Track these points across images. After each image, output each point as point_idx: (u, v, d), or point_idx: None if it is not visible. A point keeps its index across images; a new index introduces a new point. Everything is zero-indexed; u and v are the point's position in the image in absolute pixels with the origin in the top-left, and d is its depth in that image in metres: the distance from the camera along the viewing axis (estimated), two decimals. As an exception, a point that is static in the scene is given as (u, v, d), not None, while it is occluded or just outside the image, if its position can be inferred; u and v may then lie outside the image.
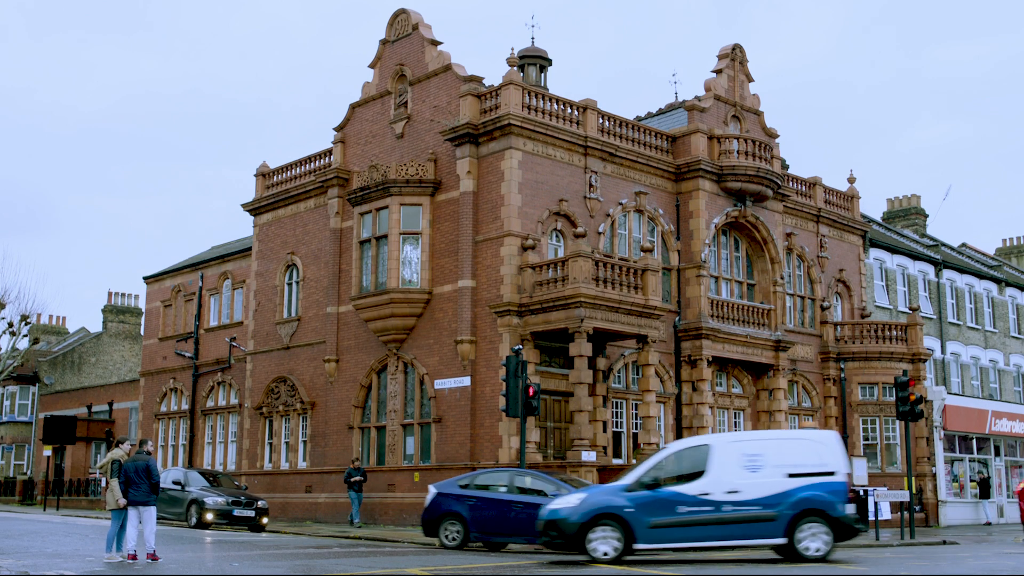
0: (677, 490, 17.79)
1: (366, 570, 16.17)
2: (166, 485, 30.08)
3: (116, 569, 16.03)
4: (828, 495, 17.40)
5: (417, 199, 30.91)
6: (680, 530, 17.66)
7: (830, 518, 17.26)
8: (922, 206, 54.54)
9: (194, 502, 29.19)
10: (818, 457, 17.88)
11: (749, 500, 17.45)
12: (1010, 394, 48.24)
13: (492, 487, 22.24)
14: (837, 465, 17.70)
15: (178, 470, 32.28)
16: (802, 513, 17.25)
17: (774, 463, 17.78)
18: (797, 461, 17.81)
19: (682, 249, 33.19)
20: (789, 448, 18.32)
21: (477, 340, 29.19)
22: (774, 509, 17.34)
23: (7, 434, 59.05)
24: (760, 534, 17.51)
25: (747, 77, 36.39)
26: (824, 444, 18.25)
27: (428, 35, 32.54)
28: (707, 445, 18.49)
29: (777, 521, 17.29)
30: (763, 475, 17.64)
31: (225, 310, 41.71)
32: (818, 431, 20.21)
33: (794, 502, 17.32)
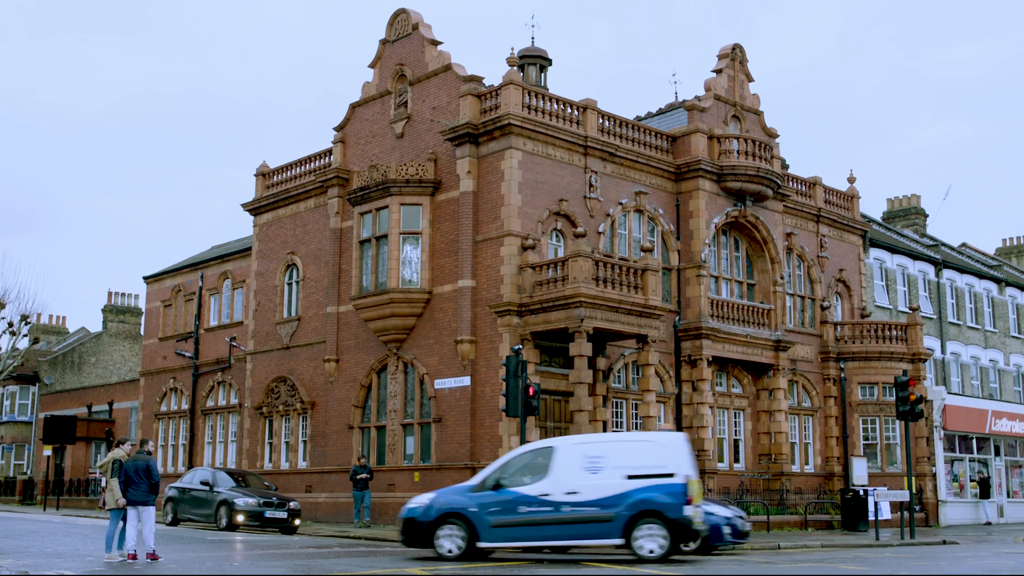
0: (519, 491, 18.19)
1: (366, 570, 16.18)
2: (193, 486, 29.64)
3: (116, 569, 16.03)
4: (666, 496, 17.39)
5: (417, 199, 30.91)
6: (520, 529, 18.06)
7: (667, 520, 17.28)
8: (922, 206, 54.55)
9: (223, 503, 28.06)
10: (659, 459, 17.90)
11: (587, 501, 17.65)
12: (1010, 394, 48.25)
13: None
14: (677, 467, 17.65)
15: (206, 470, 31.25)
16: (640, 514, 17.35)
17: (615, 465, 17.93)
18: (638, 463, 17.89)
19: (682, 249, 33.19)
20: (631, 450, 18.49)
21: (477, 340, 29.19)
22: (612, 510, 17.48)
23: (7, 434, 59.06)
24: (598, 534, 17.66)
25: (747, 77, 36.39)
26: (666, 446, 18.25)
27: (428, 35, 32.54)
28: (551, 447, 18.82)
29: (614, 522, 17.43)
30: (603, 476, 17.81)
31: (225, 310, 41.71)
32: (663, 433, 20.33)
33: (631, 503, 17.42)
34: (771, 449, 34.08)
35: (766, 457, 34.17)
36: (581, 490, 17.75)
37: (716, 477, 31.74)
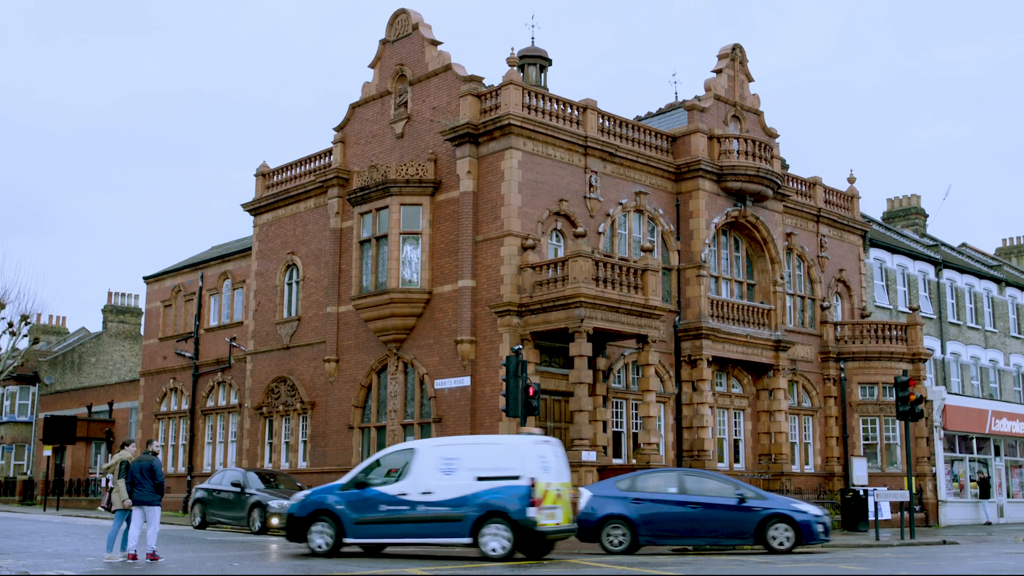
0: (381, 490, 19.12)
1: (366, 570, 16.17)
2: (223, 487, 28.99)
3: (116, 569, 16.03)
4: (511, 498, 17.97)
5: (417, 199, 30.91)
6: (381, 527, 19.01)
7: (511, 520, 17.84)
8: (922, 206, 54.55)
9: (256, 505, 26.99)
10: (508, 462, 18.47)
11: (441, 501, 18.41)
12: (1010, 394, 48.24)
13: (659, 488, 21.69)
14: (523, 469, 18.17)
15: (236, 471, 30.14)
16: (486, 515, 17.99)
17: (467, 467, 18.64)
18: (488, 465, 18.53)
19: (682, 249, 33.19)
20: (483, 453, 19.12)
21: (477, 340, 29.18)
22: (461, 510, 18.20)
23: (7, 434, 59.06)
24: (449, 533, 18.36)
25: (747, 77, 36.39)
26: (516, 449, 18.80)
27: (428, 35, 32.54)
28: (412, 449, 19.74)
29: (464, 521, 18.15)
30: (456, 478, 18.53)
31: (225, 310, 41.72)
32: (514, 436, 20.99)
33: (479, 504, 18.11)
34: (771, 449, 34.08)
35: (766, 457, 34.16)
36: (435, 490, 18.54)
37: (716, 477, 31.72)
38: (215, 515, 29.17)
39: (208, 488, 29.83)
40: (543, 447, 19.01)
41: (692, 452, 31.91)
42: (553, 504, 18.27)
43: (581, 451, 26.57)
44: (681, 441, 32.26)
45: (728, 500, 21.32)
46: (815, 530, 21.12)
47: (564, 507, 18.73)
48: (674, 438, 32.22)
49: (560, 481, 18.76)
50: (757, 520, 21.08)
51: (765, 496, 21.94)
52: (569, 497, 19.14)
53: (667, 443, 32.02)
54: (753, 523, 21.09)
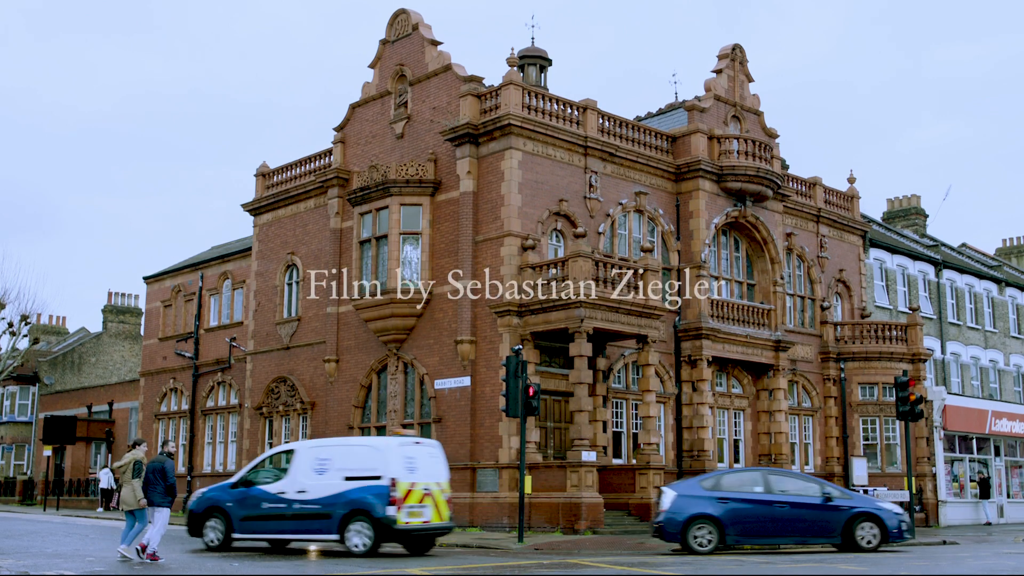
0: (264, 488, 20.44)
1: (366, 570, 16.18)
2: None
3: (118, 568, 16.03)
4: (372, 497, 18.94)
5: (417, 199, 30.91)
6: (263, 523, 20.31)
7: (372, 518, 18.81)
8: (922, 206, 54.54)
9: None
10: (373, 463, 19.45)
11: (313, 499, 19.51)
12: (1010, 394, 48.24)
13: (745, 488, 21.59)
14: (385, 470, 19.09)
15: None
16: (351, 513, 19.01)
17: (337, 467, 19.73)
18: (356, 466, 19.59)
19: (682, 249, 33.19)
20: (352, 454, 20.18)
21: (477, 340, 29.19)
22: (331, 508, 19.27)
23: (7, 434, 59.06)
24: (320, 530, 19.44)
25: (747, 77, 36.39)
26: (380, 451, 19.79)
27: (428, 35, 32.54)
28: (293, 449, 21.04)
29: (332, 519, 19.20)
30: (327, 477, 19.64)
31: (225, 310, 41.72)
32: (379, 438, 22.03)
33: (345, 502, 19.14)
34: (771, 449, 34.07)
35: (766, 457, 34.15)
36: (309, 489, 19.65)
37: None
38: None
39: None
40: (410, 449, 19.94)
41: (692, 452, 31.92)
42: (419, 503, 19.20)
43: (581, 451, 26.57)
44: (681, 441, 32.26)
45: (814, 499, 21.39)
46: (901, 528, 21.46)
47: (437, 506, 19.64)
48: (674, 438, 32.23)
49: (432, 481, 19.65)
50: (844, 519, 21.19)
51: (850, 495, 22.34)
52: (445, 497, 19.97)
53: (667, 443, 32.03)
54: (840, 522, 21.20)
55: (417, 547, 20.09)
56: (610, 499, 27.69)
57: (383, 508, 18.78)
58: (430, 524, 19.50)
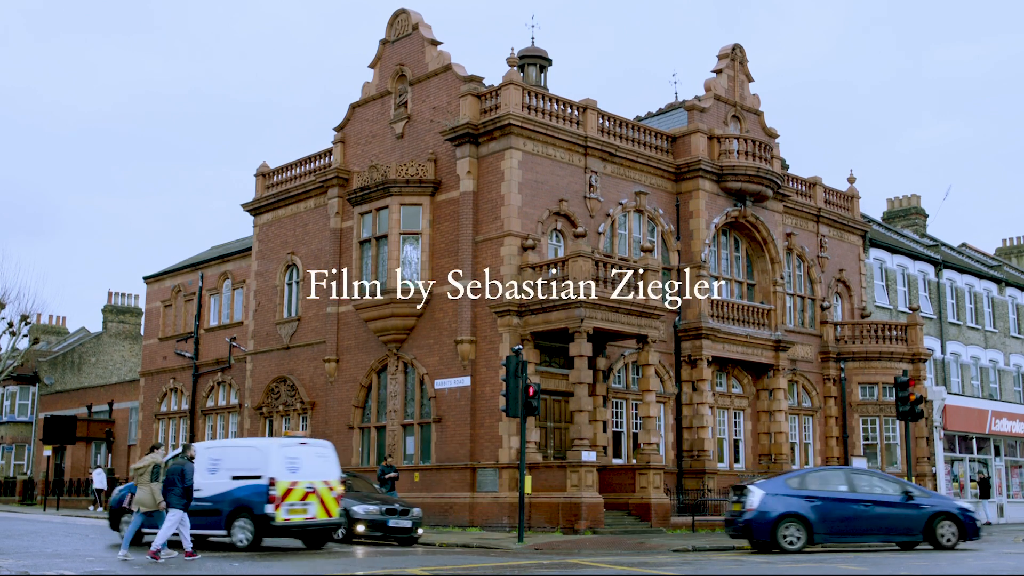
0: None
1: (366, 570, 16.18)
2: None
3: (119, 568, 16.02)
4: (253, 495, 20.08)
5: (417, 199, 30.90)
6: None
7: (253, 515, 20.01)
8: (922, 206, 54.54)
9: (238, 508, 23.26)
10: (255, 463, 20.64)
11: (207, 497, 20.52)
12: (1010, 394, 48.23)
13: (829, 486, 21.75)
14: (264, 470, 20.28)
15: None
16: (235, 510, 20.30)
17: (226, 467, 20.99)
18: (241, 466, 20.80)
19: (682, 249, 33.18)
20: (239, 454, 21.47)
21: (477, 340, 29.18)
22: (220, 505, 20.51)
23: (7, 434, 59.05)
24: (212, 525, 20.58)
25: (747, 77, 36.39)
26: (262, 451, 21.08)
27: (428, 35, 32.54)
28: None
29: (221, 515, 20.42)
30: (218, 477, 20.89)
31: (225, 310, 41.72)
32: (263, 440, 23.73)
33: (231, 500, 20.44)
34: (771, 449, 34.07)
35: (766, 457, 34.16)
36: (203, 488, 20.53)
37: (716, 477, 31.74)
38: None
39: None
40: (294, 449, 20.99)
41: (692, 452, 31.91)
42: (302, 501, 20.30)
43: (581, 451, 26.57)
44: (681, 441, 32.26)
45: (895, 498, 21.75)
46: (976, 526, 21.91)
47: (324, 503, 20.61)
48: (674, 438, 32.23)
49: (318, 480, 20.66)
50: (926, 517, 21.58)
51: (929, 494, 22.78)
52: (334, 494, 20.85)
53: (667, 443, 32.03)
54: (922, 520, 21.58)
55: (312, 541, 21.34)
56: (610, 499, 27.68)
57: (262, 506, 19.90)
58: (315, 520, 20.53)
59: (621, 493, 28.25)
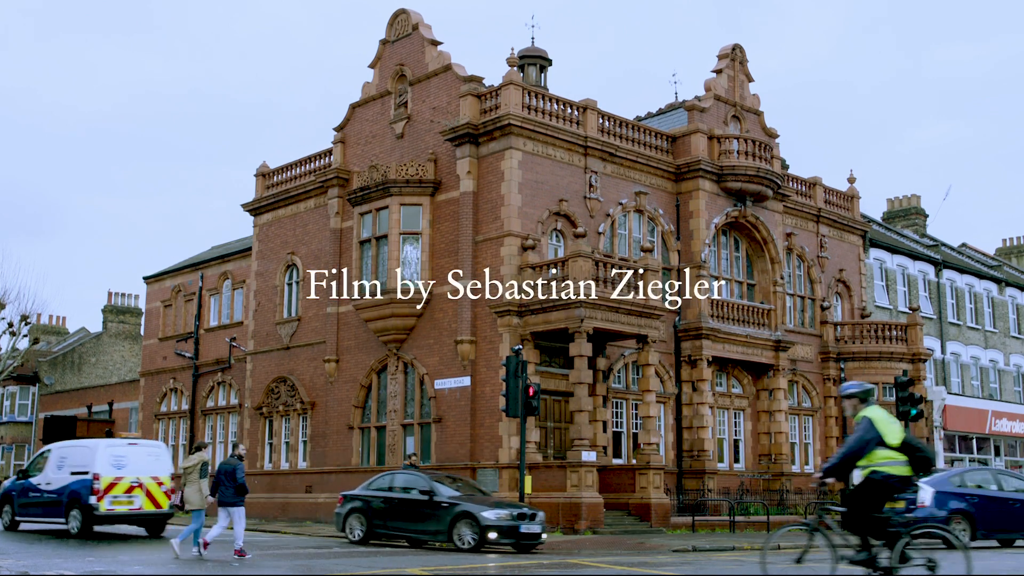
0: (31, 480, 25.14)
1: (366, 570, 16.17)
2: (402, 495, 22.78)
3: (119, 567, 16.02)
4: (82, 488, 23.06)
5: (417, 199, 30.90)
6: (31, 509, 24.96)
7: (82, 505, 22.96)
8: (922, 206, 54.56)
9: (464, 516, 21.28)
10: (86, 460, 23.64)
11: (53, 490, 24.06)
12: (1010, 394, 48.24)
13: (984, 485, 23.13)
14: (93, 467, 23.22)
15: (410, 474, 23.69)
16: (70, 502, 23.33)
17: (69, 464, 24.17)
18: (78, 463, 23.86)
19: (682, 249, 33.18)
20: (76, 452, 24.54)
21: (477, 340, 29.18)
22: (61, 497, 23.70)
23: (7, 434, 59.04)
24: (57, 515, 23.77)
25: (747, 77, 36.39)
26: (91, 450, 24.07)
27: (428, 35, 32.54)
28: (49, 449, 25.63)
29: (61, 506, 23.63)
30: (63, 472, 24.15)
31: (225, 310, 41.71)
32: (94, 440, 26.85)
33: (68, 493, 23.50)
34: (771, 449, 34.07)
35: (766, 457, 34.16)
36: (53, 482, 24.15)
37: (716, 477, 31.75)
38: (389, 527, 22.76)
39: (368, 495, 23.43)
40: (121, 448, 24.08)
41: (692, 452, 31.91)
42: (127, 493, 23.21)
43: (581, 451, 26.57)
44: (681, 441, 32.26)
45: None
46: None
47: (152, 496, 23.56)
48: (674, 438, 32.23)
49: (146, 475, 23.57)
50: None
51: None
52: (164, 489, 23.70)
53: (667, 443, 32.03)
54: None
55: (151, 529, 24.59)
56: (610, 499, 27.68)
57: (88, 497, 22.85)
58: (141, 511, 23.55)
59: (621, 493, 28.25)
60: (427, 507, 21.99)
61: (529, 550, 21.31)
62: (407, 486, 22.87)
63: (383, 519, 22.72)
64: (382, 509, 22.80)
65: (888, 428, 10.96)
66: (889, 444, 10.96)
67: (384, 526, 22.74)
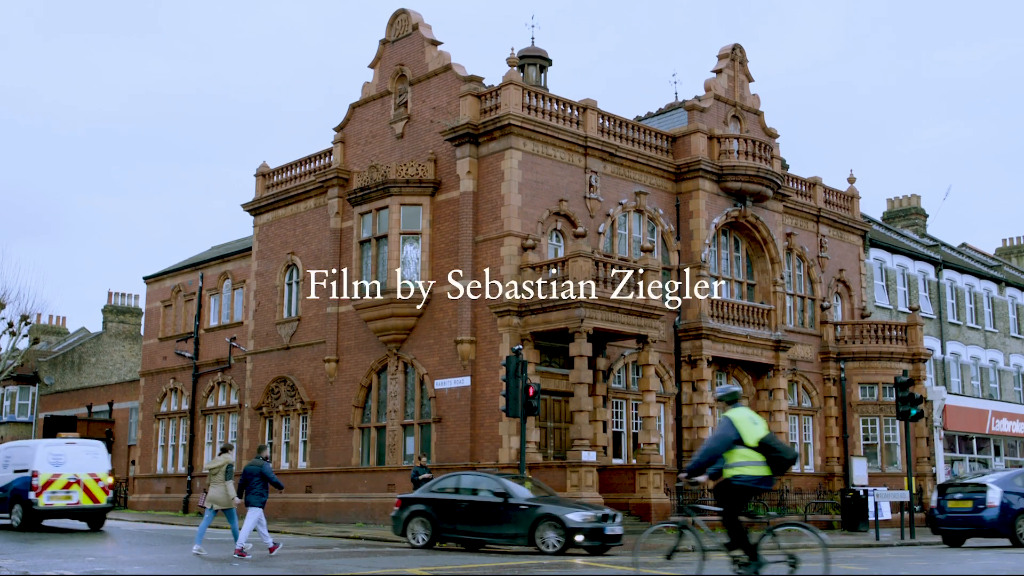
0: None
1: (366, 570, 16.17)
2: (473, 497, 21.74)
3: (120, 567, 16.02)
4: (22, 485, 25.03)
5: (417, 199, 30.90)
6: None
7: (22, 500, 24.84)
8: (922, 206, 54.55)
9: (547, 519, 20.52)
10: (27, 459, 25.59)
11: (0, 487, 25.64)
12: (1010, 394, 48.23)
13: None
14: (32, 465, 25.09)
15: (479, 475, 22.93)
16: (12, 498, 25.28)
17: (12, 463, 26.03)
18: (19, 462, 25.70)
19: (682, 249, 33.18)
20: (18, 452, 26.47)
21: (477, 340, 29.18)
22: (5, 494, 25.47)
23: (7, 434, 58.98)
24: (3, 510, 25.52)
25: (747, 77, 36.38)
26: (31, 449, 26.11)
27: (428, 35, 32.54)
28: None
29: (5, 503, 25.30)
30: (7, 471, 25.84)
31: (225, 310, 41.71)
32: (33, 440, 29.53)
33: (11, 490, 25.35)
34: (771, 449, 33.99)
35: (766, 457, 34.09)
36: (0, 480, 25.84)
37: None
38: (459, 531, 21.77)
39: (433, 497, 22.23)
40: (60, 448, 25.92)
41: (692, 452, 31.90)
42: (64, 489, 25.03)
43: (581, 451, 26.57)
44: (681, 441, 32.26)
45: None
46: None
47: (90, 491, 25.29)
48: (674, 438, 32.23)
49: (83, 472, 25.33)
50: None
51: None
52: (102, 485, 25.49)
53: (667, 443, 32.03)
54: None
55: (92, 523, 26.16)
56: (610, 499, 27.64)
57: (27, 493, 24.71)
58: (79, 505, 25.29)
59: (621, 493, 28.25)
60: (502, 509, 21.08)
61: (604, 552, 20.69)
62: (475, 487, 21.95)
63: (451, 522, 21.59)
64: (450, 512, 21.64)
65: (747, 428, 11.24)
66: (747, 444, 11.18)
67: (453, 530, 21.64)
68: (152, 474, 43.77)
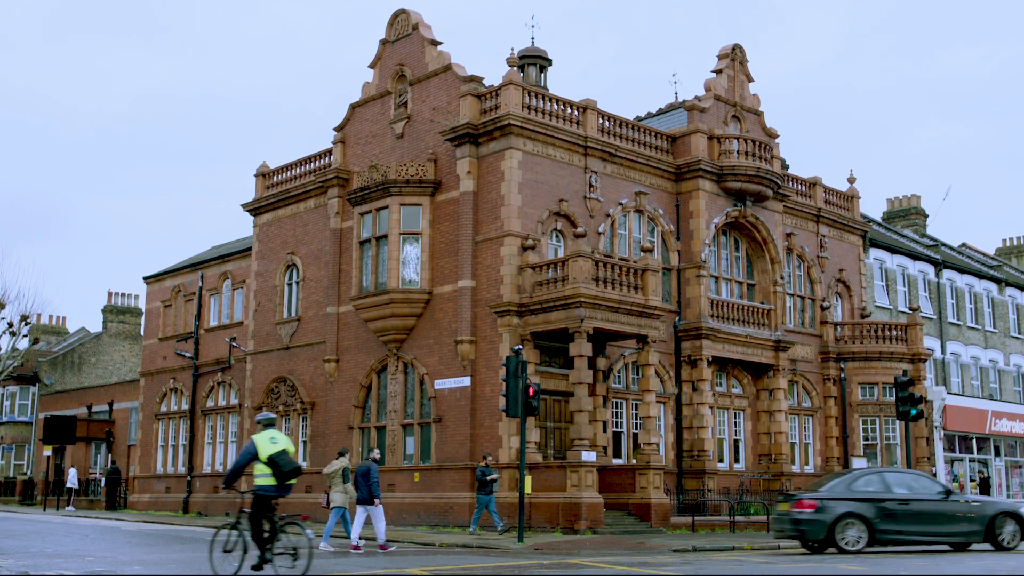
0: None
1: (366, 570, 16.18)
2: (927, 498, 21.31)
3: (120, 567, 16.03)
4: None
5: (417, 199, 30.90)
6: None
7: None
8: (922, 206, 54.55)
9: (1005, 515, 21.28)
10: None
11: None
12: (1010, 394, 48.23)
13: None
14: None
15: (914, 474, 22.67)
16: None
17: None
18: None
19: (682, 249, 33.18)
20: None
21: (477, 340, 29.18)
22: None
23: (7, 434, 59.03)
24: None
25: (747, 77, 36.38)
26: None
27: (428, 35, 32.54)
28: None
29: None
30: None
31: (225, 310, 41.71)
32: None
33: None
34: (771, 449, 34.06)
35: (766, 457, 34.15)
36: None
37: (716, 477, 31.73)
38: (901, 532, 21.04)
39: (864, 499, 20.99)
40: None
41: (692, 452, 31.90)
42: None
43: (581, 451, 26.56)
44: (681, 441, 32.26)
45: None
46: None
47: None
48: (674, 438, 32.23)
49: None
50: None
51: None
52: None
53: (667, 443, 32.02)
54: None
55: None
56: (610, 499, 27.68)
57: None
58: None
59: (621, 493, 28.25)
60: (946, 507, 21.17)
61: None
62: (908, 486, 21.55)
63: (890, 523, 20.79)
64: (887, 513, 20.84)
65: (263, 447, 13.83)
66: (261, 459, 13.84)
67: (893, 532, 20.87)
68: (152, 474, 43.76)
